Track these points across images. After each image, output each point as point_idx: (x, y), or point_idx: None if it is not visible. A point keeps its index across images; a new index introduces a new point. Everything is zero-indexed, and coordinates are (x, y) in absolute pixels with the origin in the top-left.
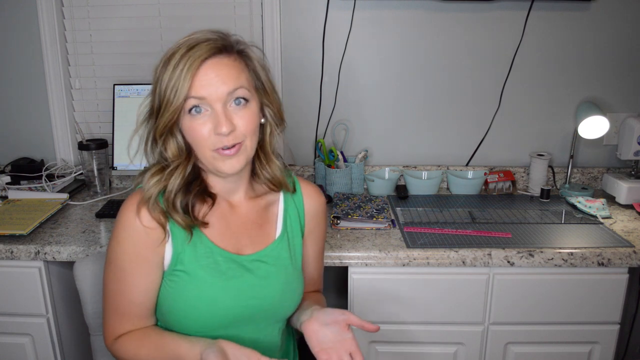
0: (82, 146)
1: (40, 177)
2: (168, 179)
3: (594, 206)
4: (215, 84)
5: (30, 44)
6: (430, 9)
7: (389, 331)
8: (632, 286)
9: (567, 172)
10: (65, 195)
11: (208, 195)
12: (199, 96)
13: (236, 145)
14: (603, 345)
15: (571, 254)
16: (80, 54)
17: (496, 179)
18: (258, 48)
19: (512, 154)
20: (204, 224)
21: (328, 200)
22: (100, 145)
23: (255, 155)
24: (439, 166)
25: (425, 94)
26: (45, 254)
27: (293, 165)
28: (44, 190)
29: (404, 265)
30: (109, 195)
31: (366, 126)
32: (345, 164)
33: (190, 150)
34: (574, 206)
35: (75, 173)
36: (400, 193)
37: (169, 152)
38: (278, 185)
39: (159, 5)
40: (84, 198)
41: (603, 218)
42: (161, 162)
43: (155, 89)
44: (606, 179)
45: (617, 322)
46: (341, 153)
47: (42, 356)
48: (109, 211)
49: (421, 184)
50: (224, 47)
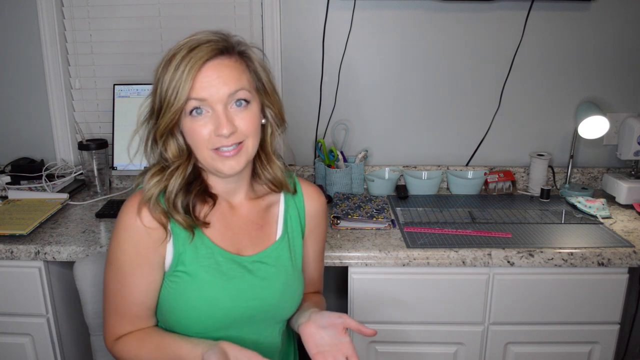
0: (82, 146)
1: (40, 177)
2: (168, 179)
3: (594, 206)
4: (217, 86)
5: (30, 44)
6: (430, 9)
7: (389, 331)
8: (632, 286)
9: (567, 172)
10: (65, 195)
11: (209, 196)
12: (200, 97)
13: (237, 146)
14: (603, 345)
15: (571, 254)
16: (80, 54)
17: (496, 179)
18: (259, 49)
19: (512, 154)
20: (205, 224)
21: (328, 200)
22: (100, 145)
23: (256, 156)
24: (439, 166)
25: (425, 94)
26: (45, 254)
27: (293, 165)
28: (44, 190)
29: (404, 265)
30: (109, 195)
31: (366, 126)
32: (345, 164)
33: (191, 150)
34: (574, 206)
35: (75, 173)
36: (400, 193)
37: (169, 153)
38: (279, 186)
39: (159, 5)
40: (84, 198)
41: (603, 218)
42: (161, 163)
43: (156, 90)
44: (606, 179)
45: (617, 322)
46: (341, 153)
47: (42, 356)
48: (109, 211)
49: (421, 184)
50: (225, 49)
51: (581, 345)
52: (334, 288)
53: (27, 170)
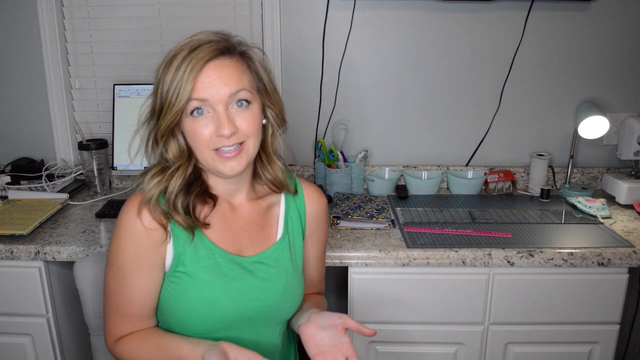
0: (82, 146)
1: (40, 177)
2: (169, 180)
3: (594, 206)
4: (218, 86)
5: (30, 44)
6: (430, 9)
7: (389, 331)
8: (632, 286)
9: (567, 172)
10: (65, 195)
11: (209, 197)
12: (201, 98)
13: (238, 146)
14: (603, 345)
15: (571, 254)
16: (80, 54)
17: (496, 179)
18: (260, 49)
19: (512, 154)
20: (205, 225)
21: (328, 200)
22: (100, 145)
23: (256, 157)
24: (439, 166)
25: (425, 94)
26: (45, 254)
27: (293, 165)
28: (44, 190)
29: (404, 265)
30: (109, 195)
31: (366, 126)
32: (345, 164)
33: (191, 151)
34: (574, 206)
35: (75, 173)
36: (400, 193)
37: (170, 154)
38: (279, 187)
39: (159, 5)
40: (84, 198)
41: (603, 218)
42: (162, 163)
43: (156, 90)
44: (606, 179)
45: (617, 322)
46: (341, 153)
47: (42, 356)
48: (109, 211)
49: (421, 184)
50: (226, 49)
51: (581, 345)
52: (334, 288)
53: (27, 170)
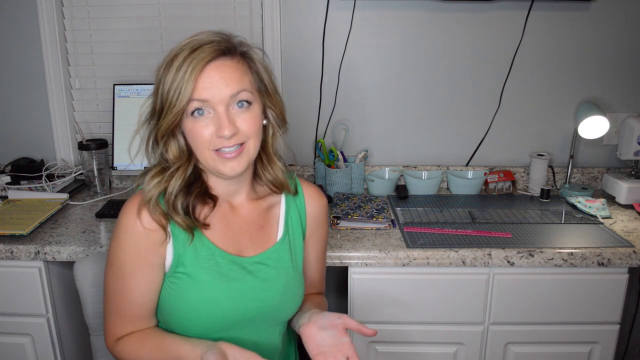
0: (82, 146)
1: (40, 177)
2: (169, 180)
3: (594, 206)
4: (219, 87)
5: (30, 44)
6: (430, 9)
7: (389, 331)
8: (632, 286)
9: (567, 172)
10: (65, 195)
11: (209, 197)
12: (202, 99)
13: (239, 147)
14: (603, 345)
15: (571, 254)
16: (80, 54)
17: (496, 179)
18: (260, 49)
19: (512, 154)
20: (205, 226)
21: (328, 200)
22: (100, 145)
23: (257, 157)
24: (439, 166)
25: (425, 94)
26: (45, 254)
27: (293, 165)
28: (44, 190)
29: (404, 265)
30: (109, 195)
31: (366, 126)
32: (345, 164)
33: (191, 151)
34: (574, 206)
35: (75, 173)
36: (400, 193)
37: (170, 154)
38: (280, 187)
39: (159, 5)
40: (84, 198)
41: (603, 218)
42: (162, 164)
43: (157, 91)
44: (606, 179)
45: (617, 322)
46: (341, 153)
47: (42, 356)
48: (109, 211)
49: (421, 184)
50: (227, 49)
51: (581, 345)
52: (334, 288)
53: (27, 170)
